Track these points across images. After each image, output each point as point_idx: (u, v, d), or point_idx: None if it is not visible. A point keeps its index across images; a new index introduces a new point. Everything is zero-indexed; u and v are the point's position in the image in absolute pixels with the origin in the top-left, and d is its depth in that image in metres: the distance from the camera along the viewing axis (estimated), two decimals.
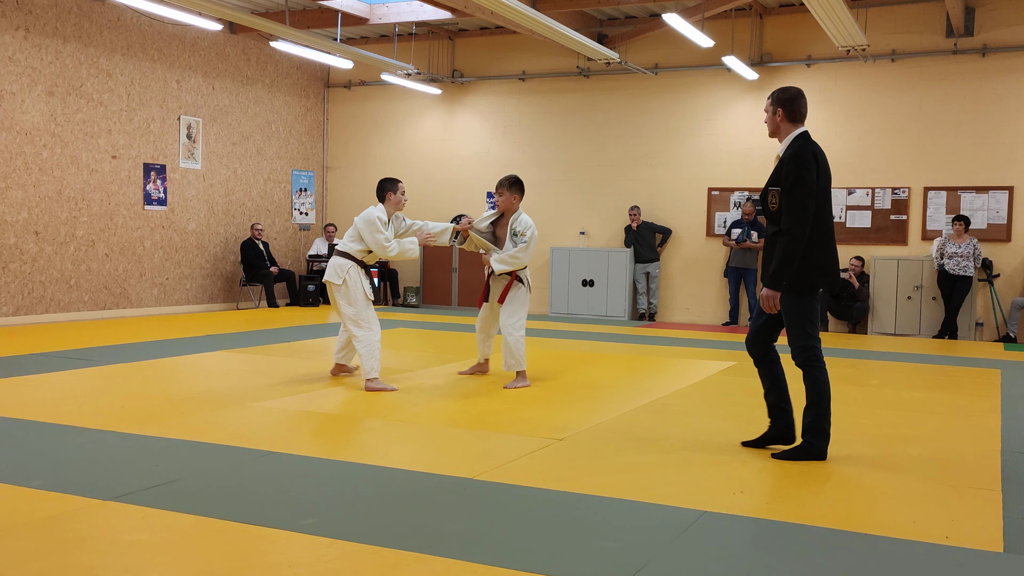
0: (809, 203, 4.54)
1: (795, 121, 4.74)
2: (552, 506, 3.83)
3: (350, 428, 5.36)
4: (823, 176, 4.63)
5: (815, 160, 4.60)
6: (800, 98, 4.75)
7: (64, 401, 5.86)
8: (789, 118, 4.73)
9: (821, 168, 4.62)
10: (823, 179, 4.63)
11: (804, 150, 4.62)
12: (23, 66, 10.54)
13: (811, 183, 4.55)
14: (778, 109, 4.73)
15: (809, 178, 4.55)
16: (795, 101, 4.73)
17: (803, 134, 4.72)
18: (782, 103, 4.72)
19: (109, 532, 3.39)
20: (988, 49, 11.36)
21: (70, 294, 11.18)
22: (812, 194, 4.55)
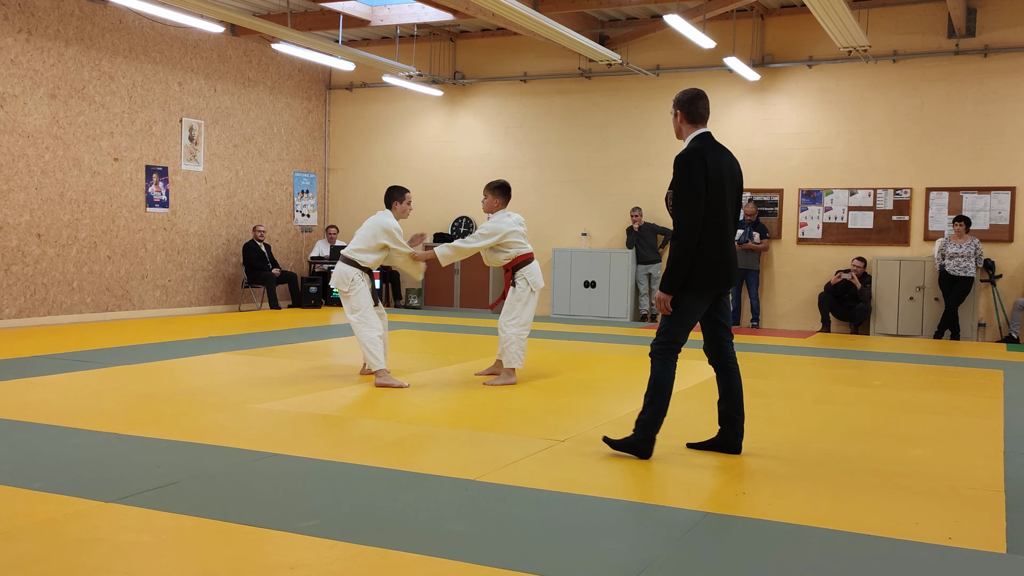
0: (692, 205, 4.51)
1: (694, 122, 4.73)
2: (554, 507, 3.82)
3: (352, 430, 5.36)
4: (715, 177, 4.57)
5: (703, 162, 4.55)
6: (699, 99, 4.73)
7: (66, 403, 5.86)
8: (688, 119, 4.72)
9: (712, 169, 4.55)
10: (715, 180, 4.56)
11: (692, 152, 4.59)
12: (25, 69, 10.56)
13: (696, 186, 4.52)
14: (677, 111, 4.74)
15: (693, 180, 4.52)
16: (693, 102, 4.71)
17: (701, 135, 4.70)
18: (680, 104, 4.72)
19: (111, 534, 3.39)
20: (990, 50, 11.35)
21: (72, 296, 11.19)
22: (696, 196, 4.51)
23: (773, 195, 12.50)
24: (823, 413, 6.11)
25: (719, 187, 4.59)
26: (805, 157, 12.34)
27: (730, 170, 4.70)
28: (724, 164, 4.66)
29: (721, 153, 4.70)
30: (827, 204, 12.24)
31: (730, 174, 4.69)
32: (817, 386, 7.36)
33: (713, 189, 4.56)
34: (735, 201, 4.75)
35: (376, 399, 6.33)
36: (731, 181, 4.70)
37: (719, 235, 4.60)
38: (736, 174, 4.77)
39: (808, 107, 12.33)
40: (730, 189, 4.67)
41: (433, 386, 6.86)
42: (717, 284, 4.64)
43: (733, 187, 4.71)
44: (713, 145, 4.69)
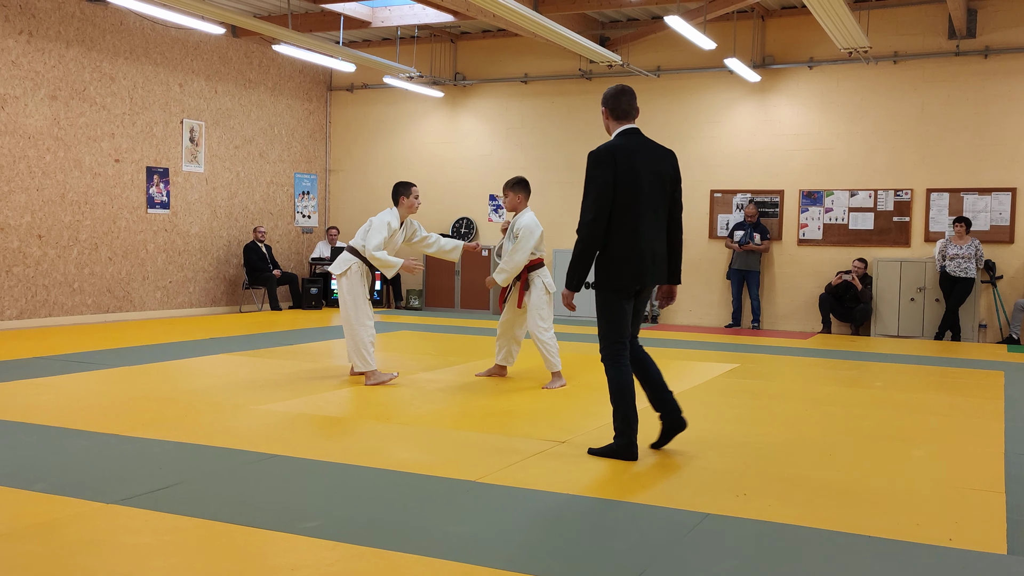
0: (598, 203, 4.48)
1: (619, 119, 4.71)
2: (554, 508, 3.82)
3: (353, 430, 5.36)
4: (628, 175, 4.52)
5: (612, 159, 4.51)
6: (622, 95, 4.69)
7: (67, 404, 5.87)
8: (613, 116, 4.71)
9: (624, 167, 4.51)
10: (628, 178, 4.52)
11: (603, 150, 4.56)
12: (26, 70, 10.57)
13: (602, 182, 4.49)
14: (603, 108, 4.73)
15: (601, 177, 4.50)
16: (616, 98, 4.68)
17: (624, 131, 4.67)
18: (606, 101, 4.71)
19: (112, 535, 3.39)
20: (990, 51, 11.35)
21: (73, 297, 11.19)
22: (601, 194, 4.48)
23: (774, 196, 12.50)
24: (824, 414, 6.11)
25: (632, 184, 4.53)
26: (806, 158, 12.34)
27: (653, 167, 4.62)
28: (643, 160, 4.59)
29: (642, 150, 4.62)
30: (828, 205, 12.24)
31: (653, 171, 4.61)
32: (817, 387, 7.36)
33: (624, 187, 4.51)
34: (663, 198, 4.67)
35: (377, 400, 6.33)
36: (654, 178, 4.61)
37: (629, 233, 4.54)
38: (663, 171, 4.66)
39: (809, 108, 12.33)
40: (651, 186, 4.59)
41: (434, 387, 6.86)
42: (629, 282, 4.59)
43: (658, 184, 4.63)
44: (634, 142, 4.63)
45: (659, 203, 4.65)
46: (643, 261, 4.59)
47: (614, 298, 4.62)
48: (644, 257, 4.59)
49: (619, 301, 4.62)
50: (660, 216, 4.67)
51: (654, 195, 4.61)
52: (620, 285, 4.59)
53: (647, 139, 4.71)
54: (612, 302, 4.62)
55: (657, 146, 4.73)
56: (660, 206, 4.66)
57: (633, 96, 4.73)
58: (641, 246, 4.57)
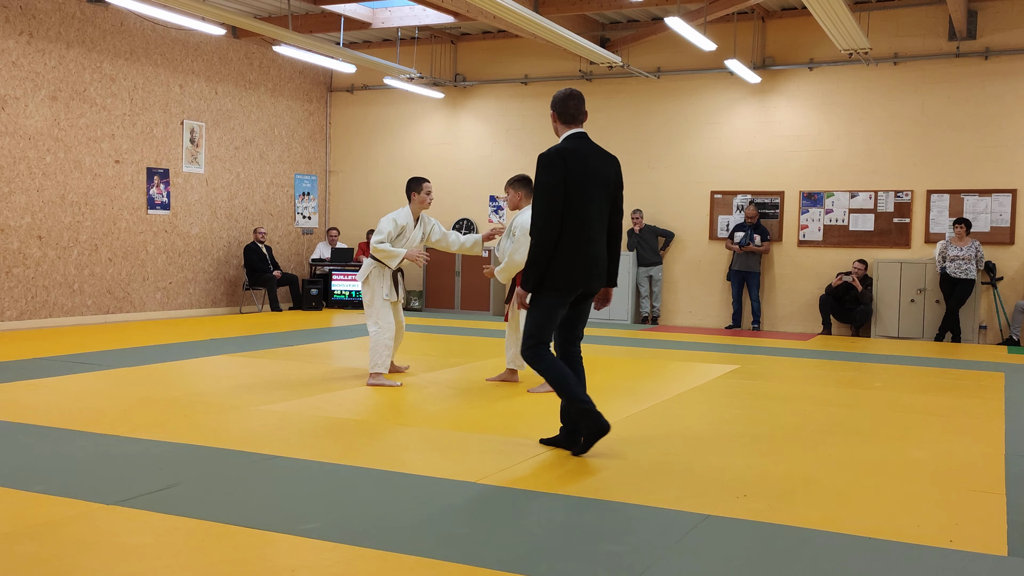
0: (549, 206, 4.51)
1: (567, 123, 4.72)
2: (555, 510, 3.82)
3: (354, 432, 5.36)
4: (577, 179, 4.54)
5: (563, 162, 4.53)
6: (569, 99, 4.70)
7: (67, 405, 5.87)
8: (561, 120, 4.73)
9: (573, 171, 4.53)
10: (577, 182, 4.54)
11: (553, 153, 4.58)
12: (26, 71, 10.57)
13: (551, 186, 4.51)
14: (552, 111, 4.76)
15: (549, 181, 4.52)
16: (564, 102, 4.70)
17: (571, 135, 4.68)
18: (554, 105, 4.74)
19: (112, 536, 3.39)
20: (991, 52, 11.36)
21: (73, 298, 11.19)
22: (554, 197, 4.50)
23: (774, 197, 12.50)
24: (824, 415, 6.11)
25: (581, 188, 4.55)
26: (806, 159, 12.34)
27: (600, 172, 4.65)
28: (591, 166, 4.62)
29: (590, 154, 4.64)
30: (828, 206, 12.24)
31: (599, 176, 4.64)
32: (818, 388, 7.36)
33: (573, 191, 4.53)
34: (608, 204, 4.69)
35: (377, 401, 6.33)
36: (600, 183, 4.63)
37: (576, 238, 4.56)
38: (608, 177, 4.69)
39: (809, 109, 12.33)
40: (598, 192, 4.62)
41: (434, 388, 6.86)
42: (572, 286, 4.61)
43: (603, 189, 4.65)
44: (582, 146, 4.65)
45: (604, 207, 4.69)
46: (588, 265, 4.62)
47: (551, 299, 4.63)
48: (589, 261, 4.62)
49: (557, 303, 4.64)
50: (604, 220, 4.71)
51: (600, 199, 4.65)
52: (559, 287, 4.60)
53: (593, 143, 4.74)
54: (549, 302, 4.64)
55: (603, 151, 4.75)
56: (604, 210, 4.70)
57: (581, 100, 4.74)
58: (587, 250, 4.61)
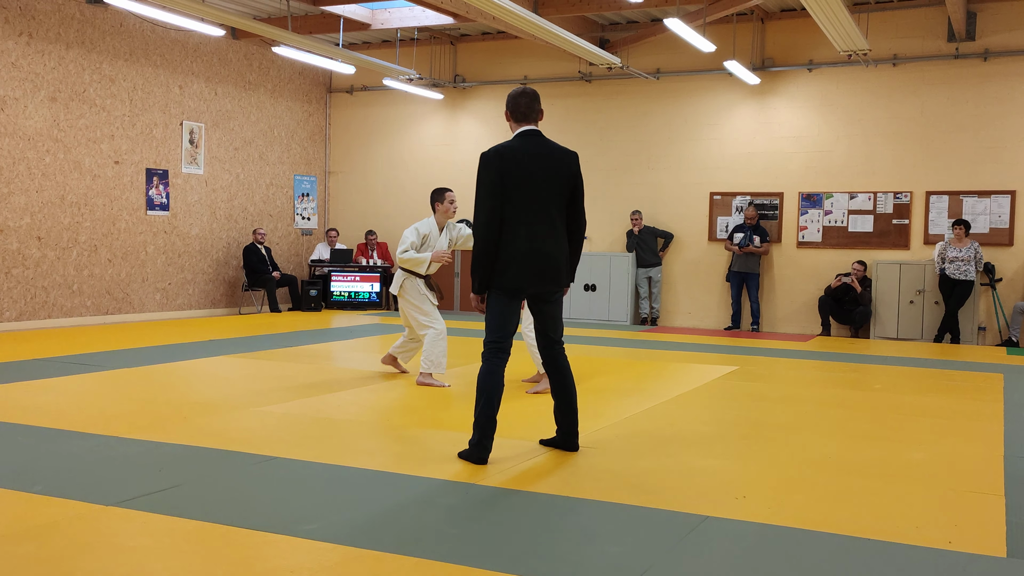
0: (486, 204, 4.50)
1: (518, 120, 4.69)
2: (554, 511, 3.82)
3: (352, 433, 5.36)
4: (516, 178, 4.50)
5: (499, 160, 4.51)
6: (520, 97, 4.67)
7: (66, 406, 5.86)
8: (513, 118, 4.70)
9: (509, 169, 4.50)
10: (515, 180, 4.50)
11: (491, 151, 4.56)
12: (26, 72, 10.57)
13: (488, 183, 4.51)
14: (506, 111, 4.73)
15: (486, 179, 4.52)
16: (515, 100, 4.68)
17: (520, 133, 4.65)
18: (507, 103, 4.71)
19: (111, 538, 3.39)
20: (990, 53, 11.36)
21: (73, 299, 11.19)
22: (490, 194, 4.49)
23: (773, 198, 12.50)
24: (823, 417, 6.11)
25: (520, 186, 4.51)
26: (805, 161, 12.35)
27: (545, 169, 4.57)
28: (535, 162, 4.56)
29: (535, 152, 4.58)
30: (827, 207, 12.25)
31: (544, 173, 4.56)
32: (817, 390, 7.36)
33: (512, 188, 4.50)
34: (557, 200, 4.60)
35: (376, 403, 6.33)
36: (547, 180, 4.57)
37: (515, 237, 4.51)
38: (557, 173, 4.60)
39: (808, 111, 12.34)
40: (544, 188, 4.55)
41: (434, 389, 6.86)
42: (513, 283, 4.54)
43: (551, 186, 4.58)
44: (529, 143, 4.60)
45: (552, 205, 4.59)
46: (529, 263, 4.54)
47: (499, 299, 4.59)
48: (530, 259, 4.53)
49: (504, 302, 4.59)
50: (554, 219, 4.60)
51: (547, 197, 4.57)
52: (504, 285, 4.56)
53: (545, 141, 4.67)
54: (497, 303, 4.60)
55: (555, 148, 4.67)
56: (553, 208, 4.60)
57: (533, 98, 4.69)
58: (528, 247, 4.53)
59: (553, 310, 4.73)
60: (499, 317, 4.60)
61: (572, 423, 4.82)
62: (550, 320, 4.74)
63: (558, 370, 4.77)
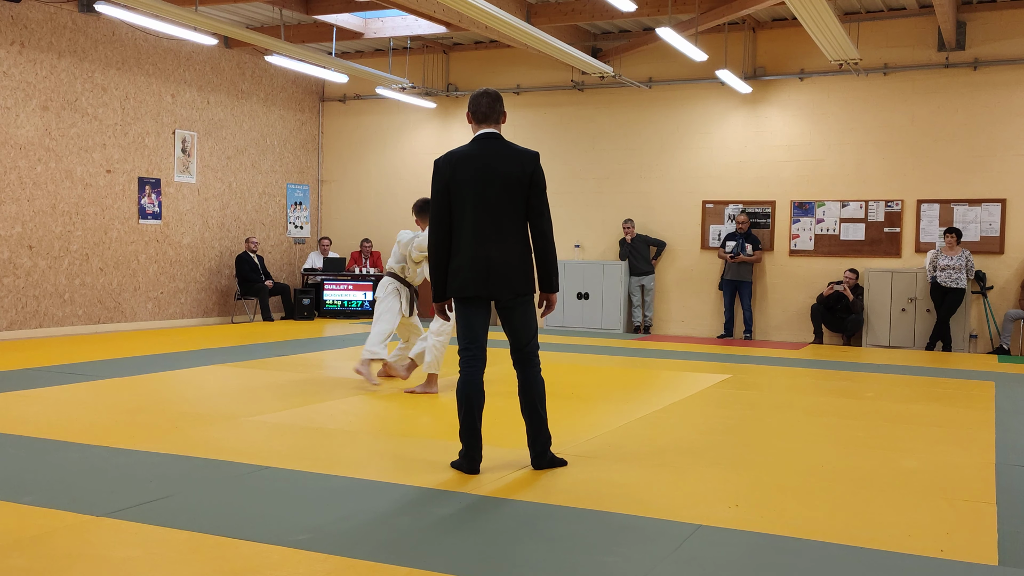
0: (434, 211, 4.50)
1: (479, 122, 4.60)
2: (547, 520, 3.82)
3: (344, 442, 5.35)
4: (461, 180, 4.45)
5: (447, 165, 4.49)
6: (482, 97, 4.57)
7: (57, 416, 5.84)
8: (475, 118, 4.61)
9: (457, 172, 4.46)
10: (461, 183, 4.45)
11: (442, 155, 4.56)
12: (17, 81, 10.55)
13: (435, 191, 4.50)
14: (467, 112, 4.64)
15: (435, 186, 4.50)
16: (476, 100, 4.58)
17: (478, 136, 4.57)
18: (468, 104, 4.62)
19: (102, 548, 3.37)
20: (980, 62, 11.43)
21: (64, 308, 11.15)
22: (436, 202, 4.49)
23: (765, 207, 12.54)
24: (815, 425, 6.12)
25: (466, 191, 4.45)
26: (797, 169, 12.39)
27: (499, 172, 4.45)
28: (486, 166, 4.46)
29: (488, 155, 4.49)
30: (819, 216, 12.29)
31: (500, 176, 4.44)
32: (809, 398, 7.37)
33: (458, 193, 4.46)
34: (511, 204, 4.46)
35: (368, 411, 6.32)
36: (500, 184, 4.44)
37: (462, 242, 4.46)
38: (511, 176, 4.45)
39: (800, 119, 12.39)
40: (494, 192, 4.43)
41: (427, 398, 6.85)
42: (463, 292, 4.47)
43: (504, 190, 4.44)
44: (482, 147, 4.52)
45: (504, 210, 4.46)
46: (474, 269, 4.44)
47: (456, 305, 4.56)
48: (474, 265, 4.44)
49: (460, 308, 4.55)
50: (504, 223, 4.46)
51: (497, 202, 4.45)
52: (457, 293, 4.51)
53: (503, 144, 4.55)
54: (456, 310, 4.57)
55: (511, 150, 4.54)
56: (505, 213, 4.46)
57: (495, 99, 4.59)
58: (472, 253, 4.45)
59: (512, 317, 4.56)
60: (462, 325, 4.54)
61: (532, 440, 4.62)
62: (511, 328, 4.58)
63: (520, 382, 4.59)
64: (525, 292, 4.54)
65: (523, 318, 4.58)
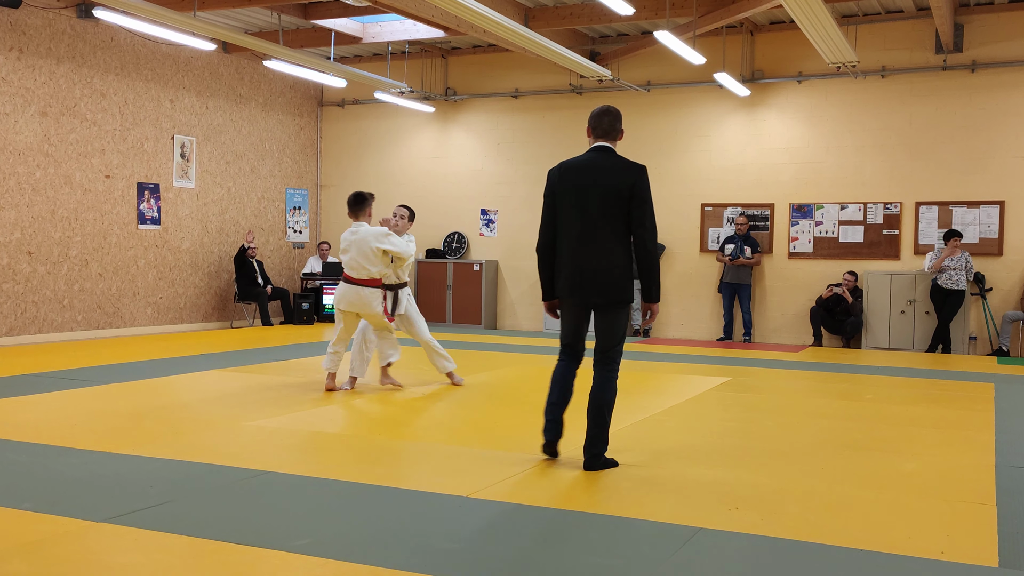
0: (542, 218, 4.84)
1: (596, 136, 4.89)
2: (547, 523, 3.82)
3: (344, 447, 5.35)
4: (569, 189, 4.74)
5: (555, 175, 4.81)
6: (604, 116, 4.85)
7: (56, 422, 5.84)
8: (592, 133, 4.90)
9: (563, 182, 4.75)
10: (566, 193, 4.74)
11: (555, 165, 4.89)
12: (16, 87, 10.56)
13: (544, 196, 4.84)
14: (587, 126, 4.93)
15: (545, 193, 4.85)
16: (598, 118, 4.87)
17: (591, 148, 4.87)
18: (589, 120, 4.91)
19: (101, 554, 3.37)
20: (977, 65, 11.44)
21: (63, 314, 11.15)
22: (545, 206, 4.82)
23: (764, 209, 12.55)
24: (815, 427, 6.12)
25: (569, 201, 4.73)
26: (795, 172, 12.40)
27: (600, 184, 4.66)
28: (592, 177, 4.70)
29: (595, 167, 4.73)
30: (818, 218, 12.30)
31: (598, 187, 4.66)
32: (809, 400, 7.37)
33: (563, 203, 4.75)
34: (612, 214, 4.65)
35: (368, 416, 6.32)
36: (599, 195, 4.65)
37: (562, 248, 4.78)
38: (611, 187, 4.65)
39: (798, 122, 12.40)
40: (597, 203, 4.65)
41: (425, 402, 6.85)
42: (561, 293, 4.81)
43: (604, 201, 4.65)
44: (591, 159, 4.78)
45: (604, 219, 4.65)
46: (571, 274, 4.74)
47: (562, 304, 4.89)
48: (572, 270, 4.73)
49: (565, 308, 4.89)
50: (606, 232, 4.66)
51: (597, 211, 4.66)
52: (562, 295, 4.83)
53: (611, 156, 4.76)
54: (561, 308, 4.92)
55: (618, 162, 4.73)
56: (606, 222, 4.65)
57: (616, 118, 4.86)
58: (569, 259, 4.74)
59: (601, 321, 4.83)
60: (562, 324, 4.93)
61: (590, 443, 4.78)
62: (598, 331, 4.85)
63: (594, 383, 4.85)
64: (619, 300, 4.76)
65: (611, 323, 4.81)
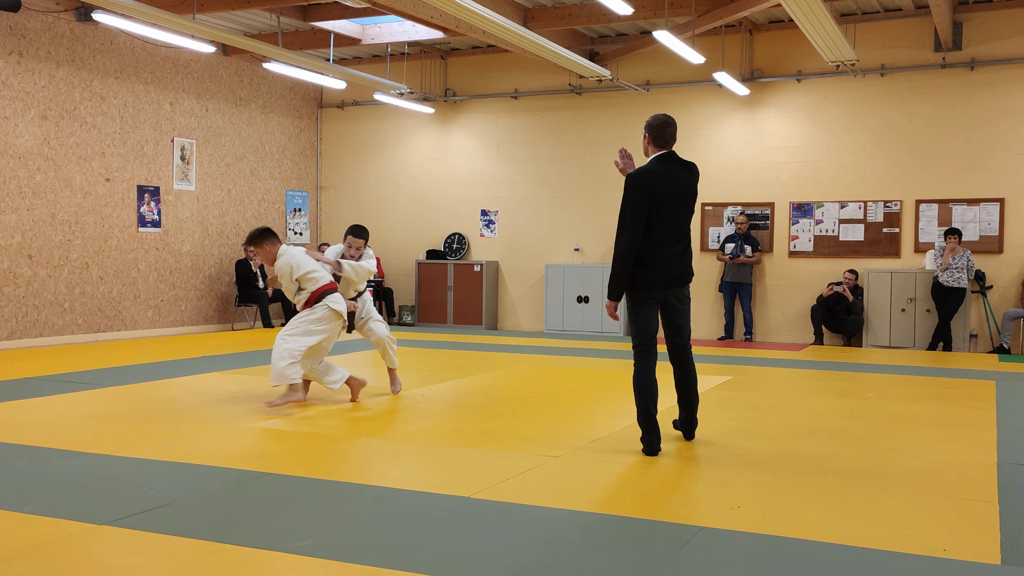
0: (626, 220, 5.00)
1: (659, 146, 5.17)
2: (548, 524, 3.82)
3: (345, 448, 5.35)
4: (658, 198, 4.99)
5: (643, 180, 5.01)
6: (667, 127, 5.16)
7: (58, 425, 5.84)
8: (655, 143, 5.18)
9: (646, 186, 4.98)
10: (658, 198, 4.99)
11: (639, 170, 5.08)
12: (16, 90, 10.56)
13: (628, 202, 5.01)
14: (647, 134, 5.19)
15: (627, 198, 5.03)
16: (662, 129, 5.16)
17: (657, 156, 5.14)
18: (651, 129, 5.18)
19: (104, 557, 3.37)
20: (976, 62, 11.44)
21: (64, 317, 11.15)
22: (628, 212, 4.99)
23: (764, 208, 12.55)
24: (817, 425, 6.12)
25: (660, 204, 5.00)
26: (795, 170, 12.40)
27: (682, 185, 5.11)
28: (674, 181, 5.07)
29: (674, 171, 5.10)
30: (818, 217, 12.29)
31: (678, 188, 5.09)
32: (810, 398, 7.37)
33: (654, 205, 4.99)
34: (687, 212, 5.16)
35: (369, 417, 6.32)
36: (678, 196, 5.09)
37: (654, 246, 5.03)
38: (686, 186, 5.14)
39: (797, 121, 12.40)
40: (677, 203, 5.09)
41: (426, 403, 6.85)
42: (657, 286, 5.08)
43: (681, 201, 5.11)
44: (666, 166, 5.11)
45: (686, 217, 5.16)
46: (664, 271, 5.07)
47: (636, 303, 5.10)
48: (665, 267, 5.06)
49: (640, 308, 5.11)
50: (687, 229, 5.18)
51: (684, 210, 5.13)
52: (649, 288, 5.07)
53: (681, 160, 5.19)
54: (634, 308, 5.12)
55: (688, 165, 5.21)
56: (688, 219, 5.17)
57: (675, 128, 5.21)
58: (664, 257, 5.05)
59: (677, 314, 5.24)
60: (641, 324, 5.15)
61: (685, 422, 5.43)
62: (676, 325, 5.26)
63: (684, 374, 5.35)
64: (688, 291, 5.27)
65: (687, 315, 5.29)
